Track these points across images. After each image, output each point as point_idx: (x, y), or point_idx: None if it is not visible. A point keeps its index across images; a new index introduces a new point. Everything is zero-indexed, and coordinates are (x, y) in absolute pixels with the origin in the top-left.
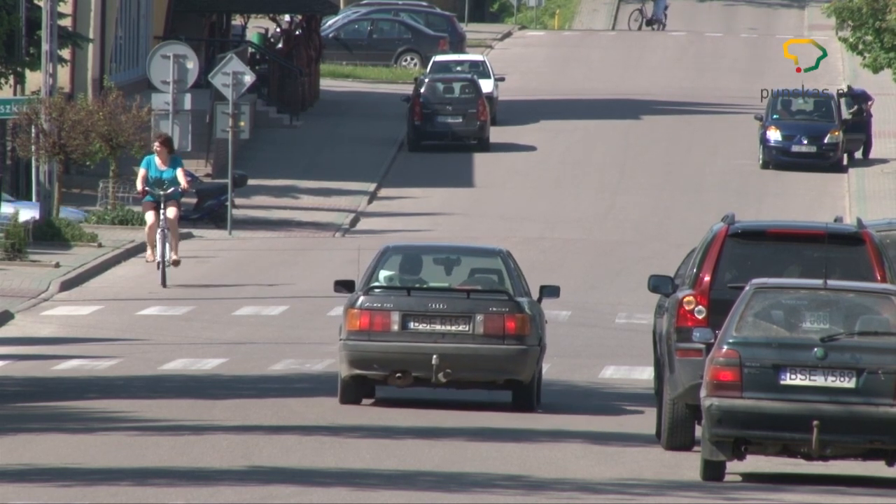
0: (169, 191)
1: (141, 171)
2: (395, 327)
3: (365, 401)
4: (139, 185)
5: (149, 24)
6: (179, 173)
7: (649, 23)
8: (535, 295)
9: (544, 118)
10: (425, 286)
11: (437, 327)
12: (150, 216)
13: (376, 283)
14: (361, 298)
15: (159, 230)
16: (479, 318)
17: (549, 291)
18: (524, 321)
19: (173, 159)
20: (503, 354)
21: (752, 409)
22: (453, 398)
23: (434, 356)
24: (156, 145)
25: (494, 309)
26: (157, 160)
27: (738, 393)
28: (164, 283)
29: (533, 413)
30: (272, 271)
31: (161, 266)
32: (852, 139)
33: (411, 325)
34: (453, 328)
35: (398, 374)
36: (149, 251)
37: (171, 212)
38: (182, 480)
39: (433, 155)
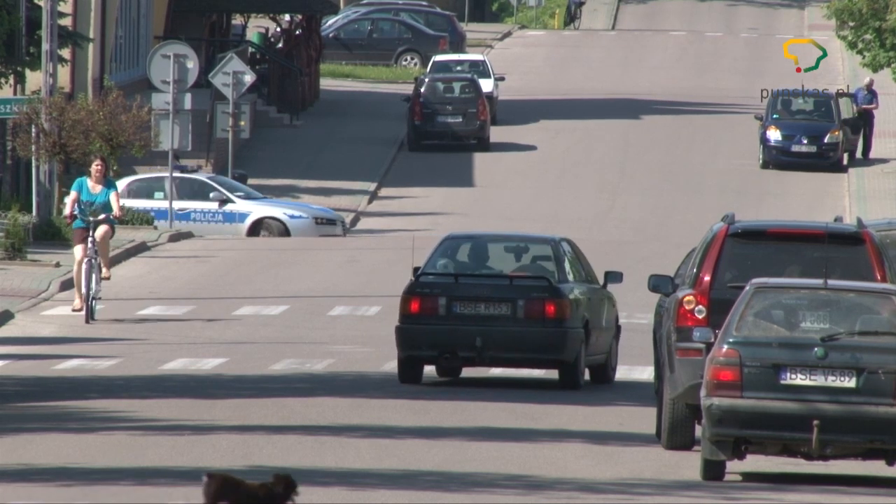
0: (101, 217)
1: (72, 195)
2: (442, 311)
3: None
4: (68, 209)
5: (149, 24)
6: (113, 198)
7: (571, 20)
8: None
9: (544, 118)
10: (472, 273)
11: (482, 311)
12: (78, 251)
13: (428, 271)
14: (413, 285)
15: (86, 260)
16: (521, 302)
17: (613, 277)
18: (563, 305)
19: (108, 181)
20: (543, 336)
21: (752, 409)
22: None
23: (478, 338)
24: (94, 165)
25: (535, 294)
26: (89, 182)
27: (739, 392)
28: (89, 319)
29: (578, 391)
30: (272, 271)
31: (87, 300)
32: (852, 139)
33: (457, 309)
34: (496, 312)
35: (446, 355)
36: (76, 299)
37: (101, 230)
38: (182, 480)
39: (433, 155)
